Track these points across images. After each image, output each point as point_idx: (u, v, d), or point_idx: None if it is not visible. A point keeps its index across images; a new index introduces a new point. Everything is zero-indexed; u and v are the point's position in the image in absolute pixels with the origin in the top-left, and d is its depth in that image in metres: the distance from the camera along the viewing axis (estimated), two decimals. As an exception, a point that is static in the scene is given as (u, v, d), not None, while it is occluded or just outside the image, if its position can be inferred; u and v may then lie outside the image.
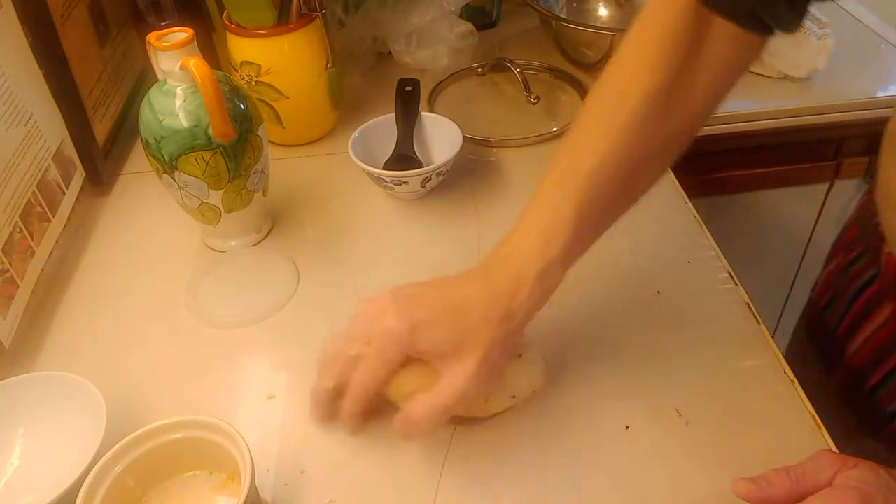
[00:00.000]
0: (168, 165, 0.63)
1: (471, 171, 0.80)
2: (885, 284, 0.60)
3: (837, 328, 0.67)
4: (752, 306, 0.62)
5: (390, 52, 0.95)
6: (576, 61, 0.96)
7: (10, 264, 0.61)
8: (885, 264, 0.59)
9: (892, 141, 0.57)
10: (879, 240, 0.60)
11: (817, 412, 0.54)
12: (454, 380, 0.47)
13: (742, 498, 0.42)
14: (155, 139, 0.62)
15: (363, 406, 0.50)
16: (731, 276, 0.65)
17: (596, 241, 0.52)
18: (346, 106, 0.88)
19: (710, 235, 0.70)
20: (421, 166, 0.74)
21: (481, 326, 0.48)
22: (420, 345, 0.48)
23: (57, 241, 0.70)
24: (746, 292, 0.63)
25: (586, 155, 0.50)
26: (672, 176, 0.78)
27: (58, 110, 0.73)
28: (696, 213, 0.72)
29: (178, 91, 0.62)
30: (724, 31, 0.47)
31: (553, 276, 0.49)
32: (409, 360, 0.49)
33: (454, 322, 0.48)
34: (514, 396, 0.53)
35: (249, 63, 0.78)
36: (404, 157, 0.76)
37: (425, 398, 0.47)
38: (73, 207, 0.73)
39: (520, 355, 0.53)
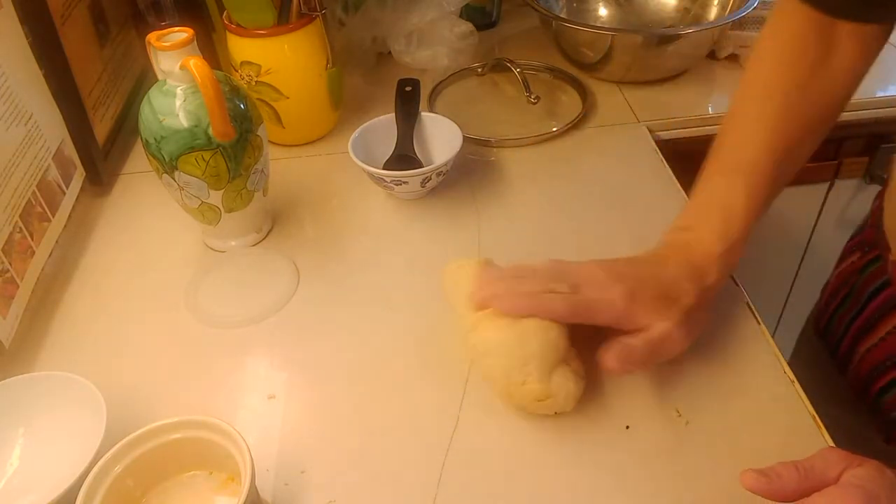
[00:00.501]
0: (168, 165, 0.63)
1: (471, 171, 0.80)
2: (893, 293, 0.60)
3: (849, 329, 0.67)
4: (752, 306, 0.62)
5: (390, 52, 0.95)
6: (576, 61, 0.96)
7: (10, 264, 0.61)
8: (892, 273, 0.59)
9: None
10: (887, 247, 0.60)
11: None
12: (664, 326, 0.50)
13: (749, 489, 0.41)
14: (155, 139, 0.62)
15: (528, 312, 0.51)
16: (731, 276, 0.65)
17: (761, 217, 0.57)
18: (346, 106, 0.88)
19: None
20: (421, 166, 0.74)
21: (683, 293, 0.52)
22: (628, 322, 0.51)
23: (57, 241, 0.70)
24: (746, 292, 0.63)
25: (746, 143, 0.55)
26: (672, 175, 0.78)
27: (58, 110, 0.73)
28: (696, 213, 0.72)
29: (178, 91, 0.62)
30: (849, 29, 0.52)
31: (735, 254, 0.55)
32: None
33: (661, 296, 0.52)
34: (556, 413, 0.53)
35: (249, 63, 0.78)
36: (404, 157, 0.76)
37: (639, 338, 0.51)
38: (73, 207, 0.73)
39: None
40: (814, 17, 0.53)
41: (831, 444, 0.51)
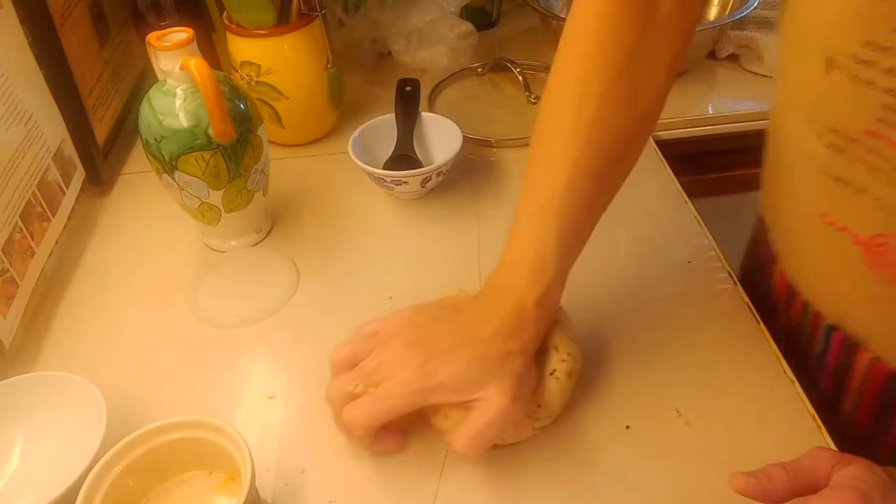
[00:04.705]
0: (168, 165, 0.63)
1: (471, 171, 0.80)
2: (775, 300, 0.60)
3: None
4: (752, 306, 0.62)
5: (390, 52, 0.95)
6: (576, 61, 0.96)
7: (10, 264, 0.61)
8: (778, 286, 0.59)
9: (769, 169, 0.57)
10: (770, 259, 0.60)
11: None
12: (492, 405, 0.46)
13: (740, 492, 0.42)
14: (155, 139, 0.62)
15: (366, 438, 0.50)
16: (731, 276, 0.65)
17: (587, 242, 0.53)
18: (346, 106, 0.88)
19: (710, 235, 0.70)
20: (421, 166, 0.74)
21: (506, 360, 0.48)
22: (439, 397, 0.47)
23: (57, 241, 0.70)
24: (746, 292, 0.63)
25: (556, 174, 0.50)
26: (672, 176, 0.78)
27: (58, 110, 0.73)
28: (696, 213, 0.72)
29: (178, 91, 0.62)
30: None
31: (552, 297, 0.51)
32: None
33: (478, 362, 0.47)
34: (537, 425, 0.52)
35: (249, 63, 0.78)
36: (404, 157, 0.76)
37: (466, 429, 0.47)
38: (73, 207, 0.73)
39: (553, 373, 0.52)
40: None
41: (831, 443, 0.51)
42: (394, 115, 0.79)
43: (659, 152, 0.82)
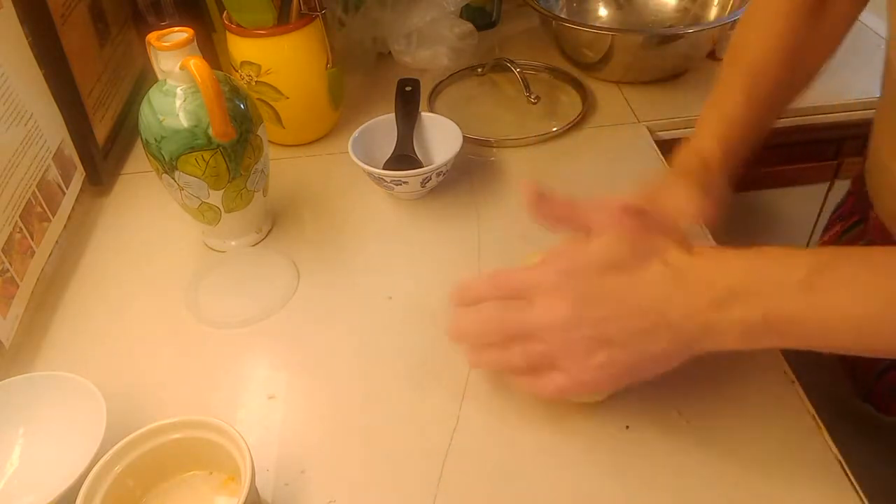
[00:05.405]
0: (168, 165, 0.63)
1: (471, 171, 0.80)
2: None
3: None
4: (752, 306, 0.62)
5: (390, 52, 0.95)
6: (576, 61, 0.96)
7: (10, 264, 0.61)
8: (872, 229, 0.59)
9: (881, 113, 0.60)
10: (869, 206, 0.60)
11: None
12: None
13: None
14: (155, 139, 0.62)
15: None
16: (731, 276, 0.65)
17: (768, 127, 0.61)
18: (346, 106, 0.88)
19: (710, 235, 0.70)
20: (421, 166, 0.74)
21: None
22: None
23: (57, 241, 0.70)
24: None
25: (751, 45, 0.58)
26: (672, 176, 0.78)
27: (58, 110, 0.73)
28: (696, 213, 0.72)
29: (178, 91, 0.62)
30: None
31: (734, 156, 0.58)
32: None
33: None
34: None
35: (249, 63, 0.78)
36: (404, 157, 0.76)
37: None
38: (73, 207, 0.74)
39: None
40: None
41: (832, 444, 0.51)
42: (394, 115, 0.79)
43: (659, 152, 0.82)
